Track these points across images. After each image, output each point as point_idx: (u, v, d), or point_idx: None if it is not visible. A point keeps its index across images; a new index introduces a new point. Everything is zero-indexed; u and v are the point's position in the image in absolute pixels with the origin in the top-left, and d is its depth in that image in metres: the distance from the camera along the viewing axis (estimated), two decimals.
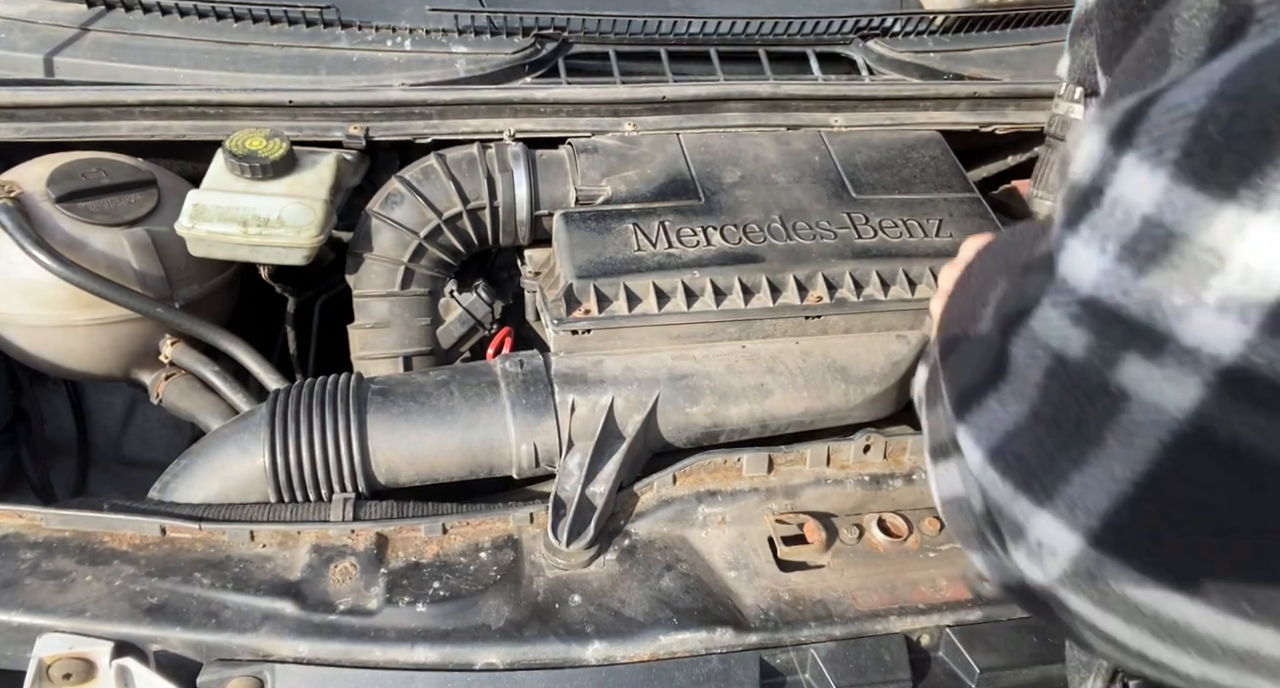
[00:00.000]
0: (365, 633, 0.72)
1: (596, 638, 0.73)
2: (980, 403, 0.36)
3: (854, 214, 1.03)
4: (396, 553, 0.79)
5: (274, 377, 1.00)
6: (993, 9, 1.32)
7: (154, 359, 1.07)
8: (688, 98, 1.14)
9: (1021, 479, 0.34)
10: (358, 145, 1.08)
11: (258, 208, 0.95)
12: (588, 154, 1.08)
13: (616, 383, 0.90)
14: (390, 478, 0.88)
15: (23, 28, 1.09)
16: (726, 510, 0.83)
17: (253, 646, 0.71)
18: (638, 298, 0.93)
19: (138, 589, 0.73)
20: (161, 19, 1.12)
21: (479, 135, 1.10)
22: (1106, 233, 0.30)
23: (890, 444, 0.88)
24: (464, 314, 1.11)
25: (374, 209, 1.05)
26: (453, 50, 1.15)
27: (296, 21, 1.13)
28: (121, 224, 0.99)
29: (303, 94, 1.06)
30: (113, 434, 1.24)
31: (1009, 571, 0.37)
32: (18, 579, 0.73)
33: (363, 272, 1.06)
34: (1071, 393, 0.32)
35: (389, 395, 0.89)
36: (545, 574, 0.78)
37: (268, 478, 0.85)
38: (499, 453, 0.89)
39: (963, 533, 0.40)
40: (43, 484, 1.15)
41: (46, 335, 1.01)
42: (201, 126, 1.06)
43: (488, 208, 1.06)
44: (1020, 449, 0.34)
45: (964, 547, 0.41)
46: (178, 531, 0.78)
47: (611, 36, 1.20)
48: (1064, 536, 0.32)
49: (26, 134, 1.04)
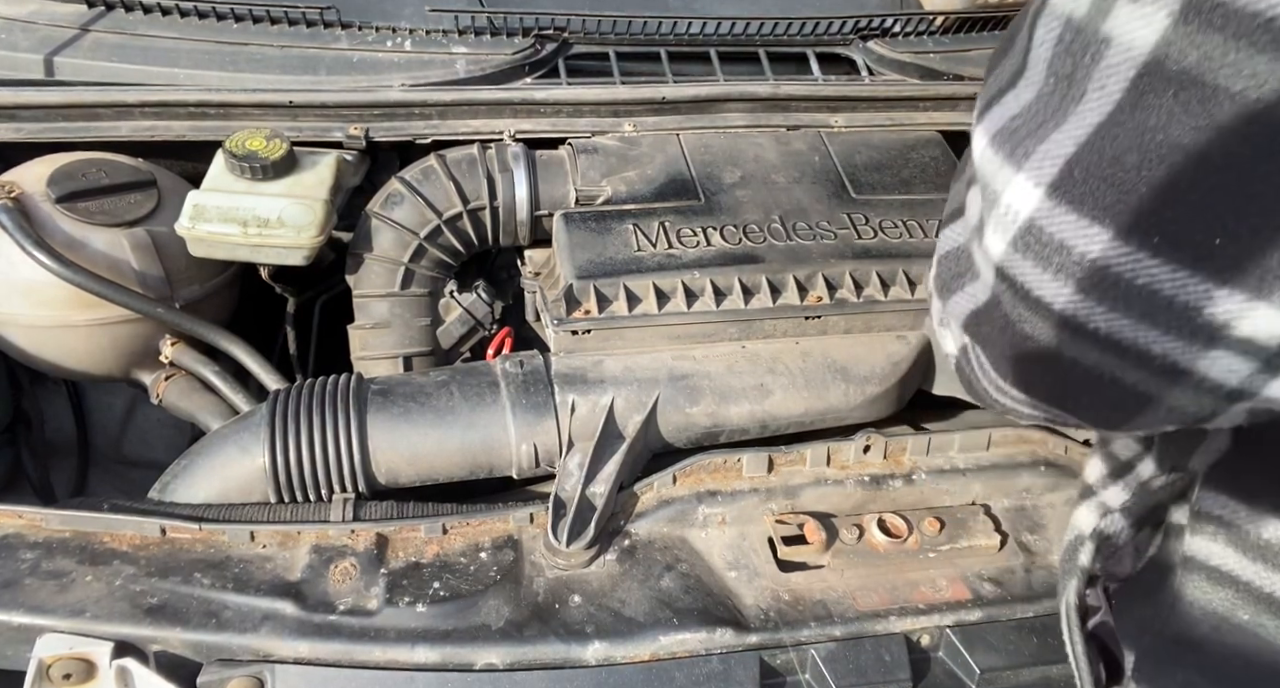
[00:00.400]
0: (365, 633, 0.72)
1: (596, 638, 0.73)
2: (999, 101, 0.42)
3: (854, 214, 1.03)
4: (396, 553, 0.79)
5: (274, 377, 1.00)
6: (993, 9, 1.32)
7: (154, 359, 1.07)
8: (688, 98, 1.14)
9: (1009, 149, 0.39)
10: (358, 146, 1.08)
11: (258, 208, 0.95)
12: (588, 154, 1.08)
13: (616, 383, 0.90)
14: (390, 478, 0.88)
15: (23, 28, 1.09)
16: (726, 511, 0.83)
17: (253, 646, 0.71)
18: (638, 298, 0.93)
19: (138, 589, 0.73)
20: (161, 19, 1.12)
21: (479, 136, 1.10)
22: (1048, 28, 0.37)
23: (890, 444, 0.88)
24: (464, 314, 1.11)
25: (374, 209, 1.05)
26: (453, 51, 1.15)
27: (296, 22, 1.13)
28: (121, 224, 0.99)
29: (303, 94, 1.06)
30: (113, 434, 1.24)
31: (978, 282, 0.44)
32: (18, 579, 0.73)
33: (363, 272, 1.06)
34: (1069, 52, 0.37)
35: (389, 396, 0.89)
36: (545, 574, 0.78)
37: (268, 478, 0.85)
38: (499, 453, 0.89)
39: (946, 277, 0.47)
40: (43, 484, 1.15)
41: (46, 335, 1.01)
42: (201, 127, 1.06)
43: (488, 208, 1.07)
44: (1017, 124, 0.40)
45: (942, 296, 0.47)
46: (178, 531, 0.78)
47: (611, 37, 1.20)
48: (1029, 193, 0.38)
49: (26, 134, 1.04)
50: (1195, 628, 0.52)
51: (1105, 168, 0.35)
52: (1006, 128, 0.40)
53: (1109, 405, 0.38)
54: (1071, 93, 0.37)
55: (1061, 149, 0.37)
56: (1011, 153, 0.39)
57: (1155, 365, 0.38)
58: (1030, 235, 0.38)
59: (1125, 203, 0.35)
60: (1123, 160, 0.35)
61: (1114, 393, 0.40)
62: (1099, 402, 0.38)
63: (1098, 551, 0.61)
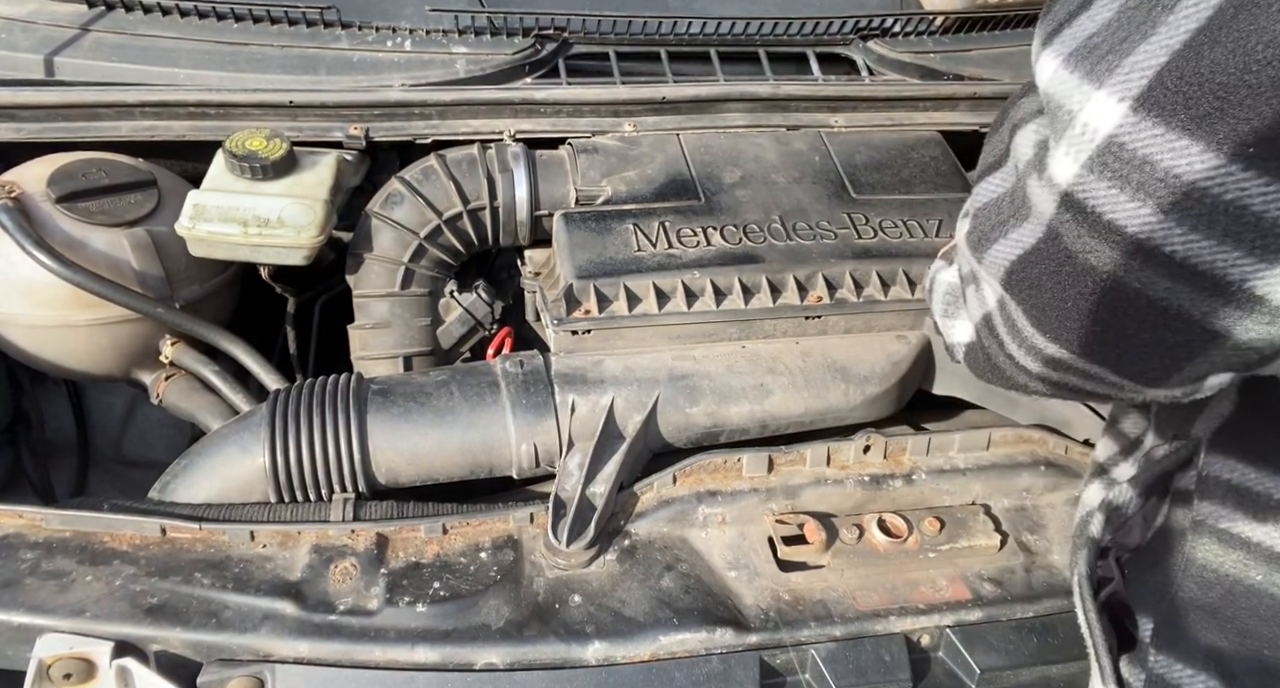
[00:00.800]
0: (365, 633, 0.72)
1: (596, 638, 0.73)
2: (1070, 24, 0.42)
3: (854, 214, 1.03)
4: (396, 553, 0.79)
5: (274, 377, 1.00)
6: (993, 9, 1.32)
7: (154, 359, 1.07)
8: (688, 98, 1.14)
9: (1089, 66, 0.40)
10: (358, 146, 1.08)
11: (258, 208, 0.95)
12: (588, 154, 1.08)
13: (616, 383, 0.90)
14: (390, 478, 0.88)
15: (23, 28, 1.09)
16: (726, 511, 0.83)
17: (253, 646, 0.71)
18: (638, 298, 0.93)
19: (138, 589, 0.73)
20: (161, 19, 1.12)
21: (479, 136, 1.10)
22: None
23: (890, 444, 0.88)
24: (464, 314, 1.11)
25: (374, 209, 1.05)
26: (453, 50, 1.15)
27: (296, 21, 1.13)
28: (122, 224, 0.99)
29: (303, 94, 1.06)
30: (113, 434, 1.24)
31: (1027, 223, 0.45)
32: (18, 579, 0.73)
33: (363, 272, 1.06)
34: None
35: (389, 395, 0.89)
36: (545, 574, 0.78)
37: (268, 478, 0.85)
38: (499, 453, 0.89)
39: (985, 228, 0.49)
40: (43, 484, 1.15)
41: (46, 335, 1.01)
42: (201, 127, 1.06)
43: (488, 208, 1.07)
44: (1096, 41, 0.40)
45: (978, 250, 0.49)
46: (178, 531, 0.78)
47: (611, 37, 1.20)
48: (1111, 107, 0.38)
49: (26, 134, 1.04)
50: (1209, 591, 0.52)
51: (1202, 77, 0.34)
52: (1084, 46, 0.40)
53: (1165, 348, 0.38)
54: (1163, 1, 0.36)
55: (1152, 60, 0.36)
56: (1091, 70, 0.39)
57: (1231, 291, 0.37)
58: (1109, 154, 0.38)
59: (1222, 113, 0.34)
60: (1224, 66, 0.34)
61: (1175, 330, 0.40)
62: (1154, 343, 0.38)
63: (1107, 521, 0.61)
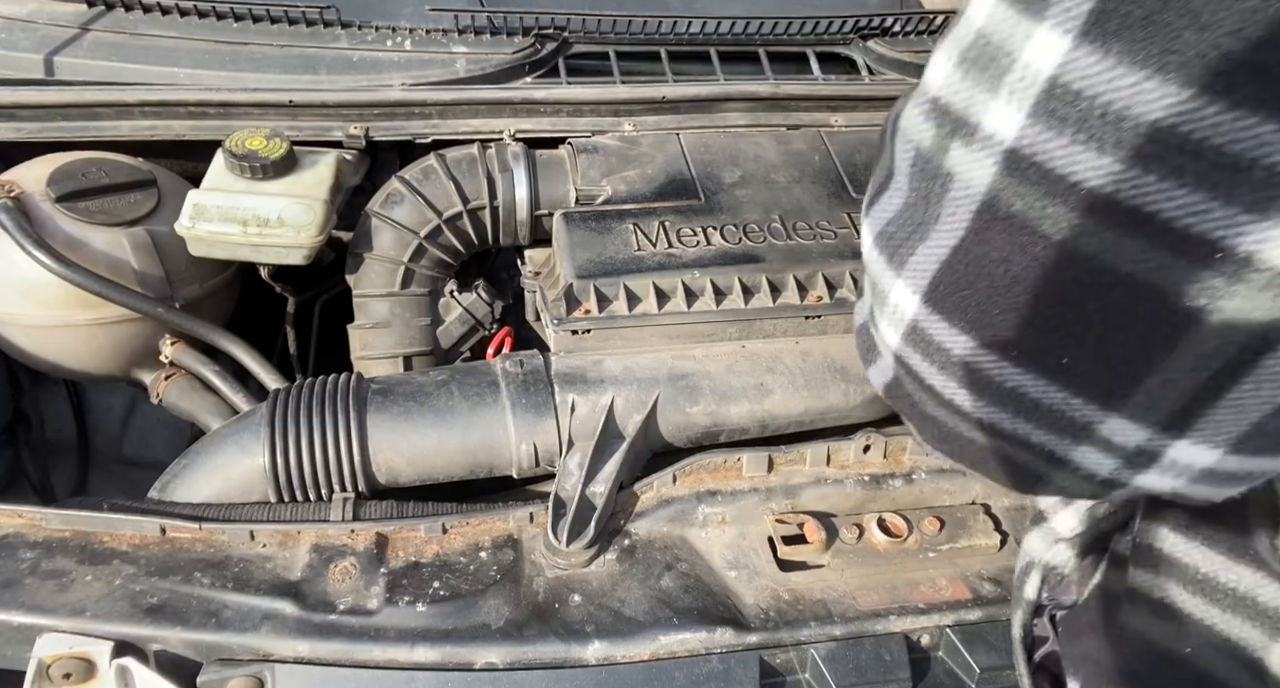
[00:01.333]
0: (365, 633, 0.72)
1: (596, 638, 0.73)
2: (877, 200, 0.44)
3: (854, 214, 1.03)
4: (396, 553, 0.79)
5: (274, 377, 1.00)
6: None
7: (154, 359, 1.07)
8: (688, 98, 1.14)
9: (889, 253, 0.41)
10: (358, 145, 1.08)
11: (258, 208, 0.95)
12: (588, 154, 1.08)
13: (616, 383, 0.90)
14: (390, 478, 0.88)
15: (23, 28, 1.09)
16: (726, 510, 0.83)
17: (253, 645, 0.71)
18: (638, 298, 0.93)
19: (138, 589, 0.73)
20: (161, 19, 1.12)
21: (479, 135, 1.10)
22: (955, 44, 0.36)
23: (890, 444, 0.88)
24: (464, 314, 1.11)
25: (374, 209, 1.05)
26: (453, 50, 1.15)
27: (296, 21, 1.13)
28: (121, 224, 0.99)
29: (303, 94, 1.06)
30: (113, 434, 1.24)
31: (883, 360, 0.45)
32: (18, 579, 0.73)
33: (363, 272, 1.06)
34: (923, 178, 0.39)
35: (389, 395, 0.89)
36: (545, 574, 0.78)
37: (268, 478, 0.85)
38: (499, 453, 0.89)
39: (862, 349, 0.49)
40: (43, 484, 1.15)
41: (46, 335, 1.01)
42: (201, 126, 1.06)
43: (488, 208, 1.07)
44: (893, 229, 0.41)
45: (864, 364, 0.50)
46: (178, 530, 0.78)
47: (611, 36, 1.20)
48: (909, 297, 0.40)
49: (26, 134, 1.04)
50: (1139, 660, 0.53)
51: (962, 289, 0.38)
52: (885, 231, 0.42)
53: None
54: (930, 213, 0.39)
55: (928, 264, 0.39)
56: (891, 257, 0.41)
57: (1037, 452, 0.40)
58: (915, 334, 0.41)
59: (983, 321, 0.37)
60: (975, 285, 0.37)
61: (1013, 468, 0.42)
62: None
63: (1044, 581, 0.63)
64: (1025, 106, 0.33)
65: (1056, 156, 0.32)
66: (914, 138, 0.39)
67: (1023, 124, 0.33)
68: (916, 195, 0.40)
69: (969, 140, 0.35)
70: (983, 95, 0.34)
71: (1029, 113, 0.33)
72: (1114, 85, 0.30)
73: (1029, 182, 0.33)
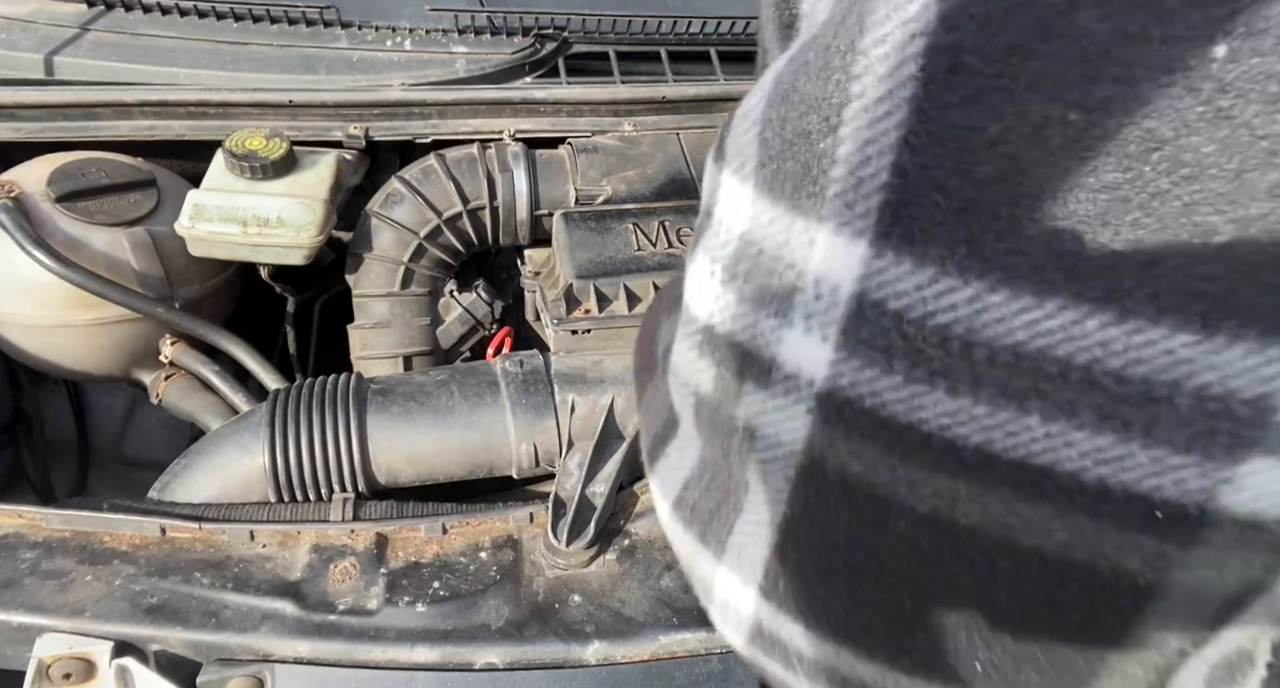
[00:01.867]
0: (365, 633, 0.72)
1: (596, 638, 0.73)
2: (663, 452, 0.34)
3: None
4: (396, 553, 0.79)
5: (274, 377, 1.00)
6: None
7: (154, 359, 1.07)
8: (688, 98, 1.14)
9: (699, 529, 0.32)
10: (358, 145, 1.08)
11: (258, 208, 0.95)
12: (588, 154, 1.08)
13: (616, 383, 0.90)
14: (390, 478, 0.88)
15: (23, 28, 1.09)
16: None
17: (253, 645, 0.71)
18: (638, 298, 0.93)
19: (138, 589, 0.73)
20: (161, 19, 1.12)
21: (479, 135, 1.10)
22: (714, 255, 0.27)
23: None
24: (464, 314, 1.11)
25: (374, 209, 1.05)
26: (453, 50, 1.15)
27: (296, 21, 1.13)
28: (121, 224, 0.99)
29: (303, 94, 1.06)
30: (113, 434, 1.24)
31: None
32: (18, 579, 0.73)
33: (363, 272, 1.06)
34: (716, 433, 0.29)
35: (389, 395, 0.89)
36: (545, 574, 0.78)
37: (268, 478, 0.85)
38: (499, 453, 0.89)
39: None
40: (43, 484, 1.15)
41: (46, 335, 1.01)
42: (201, 126, 1.06)
43: (488, 208, 1.07)
44: (694, 496, 0.32)
45: None
46: (178, 531, 0.78)
47: (611, 36, 1.20)
48: (742, 591, 0.30)
49: (26, 134, 1.04)
50: None
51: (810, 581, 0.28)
52: (684, 498, 0.32)
53: None
54: (736, 478, 0.29)
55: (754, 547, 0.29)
56: (704, 536, 0.32)
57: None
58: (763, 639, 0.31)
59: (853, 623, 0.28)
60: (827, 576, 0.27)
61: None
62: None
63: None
64: (831, 335, 0.24)
65: (891, 400, 0.23)
66: (691, 381, 0.29)
67: (833, 359, 0.24)
68: (713, 451, 0.30)
69: (765, 382, 0.26)
70: (770, 322, 0.25)
71: (837, 344, 0.23)
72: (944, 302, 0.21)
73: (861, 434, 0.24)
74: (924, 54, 0.20)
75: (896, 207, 0.22)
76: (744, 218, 0.26)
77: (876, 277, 0.22)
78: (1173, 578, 0.22)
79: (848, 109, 0.22)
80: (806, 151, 0.24)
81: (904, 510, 0.24)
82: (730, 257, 0.26)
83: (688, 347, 0.29)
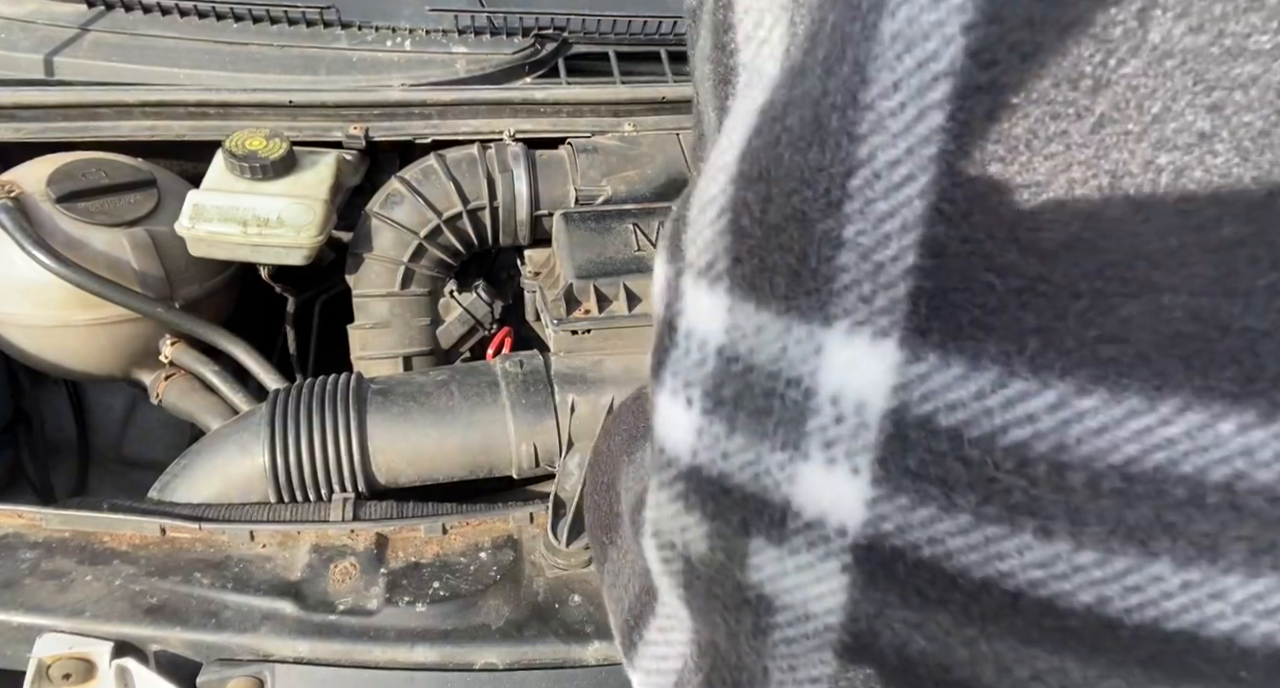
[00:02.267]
0: (365, 633, 0.72)
1: (596, 638, 0.73)
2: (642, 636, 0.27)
3: None
4: (396, 553, 0.79)
5: (274, 377, 1.00)
6: None
7: (154, 359, 1.07)
8: (688, 98, 1.14)
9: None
10: (358, 145, 1.08)
11: (258, 208, 0.95)
12: (588, 154, 1.08)
13: (616, 383, 0.90)
14: (390, 478, 0.88)
15: (23, 28, 1.09)
16: None
17: (253, 646, 0.71)
18: (638, 298, 0.93)
19: (138, 589, 0.73)
20: (161, 19, 1.12)
21: (479, 135, 1.10)
22: (688, 378, 0.21)
23: None
24: (464, 314, 1.11)
25: (374, 209, 1.05)
26: (453, 50, 1.15)
27: (296, 21, 1.13)
28: (121, 224, 0.99)
29: (303, 94, 1.06)
30: (113, 434, 1.23)
31: None
32: (18, 579, 0.73)
33: (363, 272, 1.06)
34: (716, 609, 0.22)
35: (389, 395, 0.89)
36: (545, 574, 0.78)
37: (268, 478, 0.85)
38: (499, 453, 0.89)
39: None
40: (43, 484, 1.15)
41: (46, 335, 1.01)
42: (201, 126, 1.06)
43: (488, 208, 1.07)
44: None
45: None
46: (178, 531, 0.78)
47: (611, 36, 1.20)
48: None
49: (26, 134, 1.04)
50: None
51: None
52: None
53: None
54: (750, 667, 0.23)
55: None
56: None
57: None
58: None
59: None
60: None
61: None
62: None
63: None
64: (863, 467, 0.18)
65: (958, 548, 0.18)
66: (676, 542, 0.23)
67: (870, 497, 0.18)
68: (714, 633, 0.23)
69: (780, 536, 0.20)
70: (778, 456, 0.20)
71: (874, 477, 0.18)
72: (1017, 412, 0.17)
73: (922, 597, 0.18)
74: (953, 99, 0.16)
75: (933, 295, 0.17)
76: (719, 329, 0.21)
77: (918, 386, 0.17)
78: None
79: (854, 178, 0.18)
80: (801, 238, 0.19)
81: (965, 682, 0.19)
82: (709, 379, 0.21)
83: (668, 498, 0.22)
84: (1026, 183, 0.16)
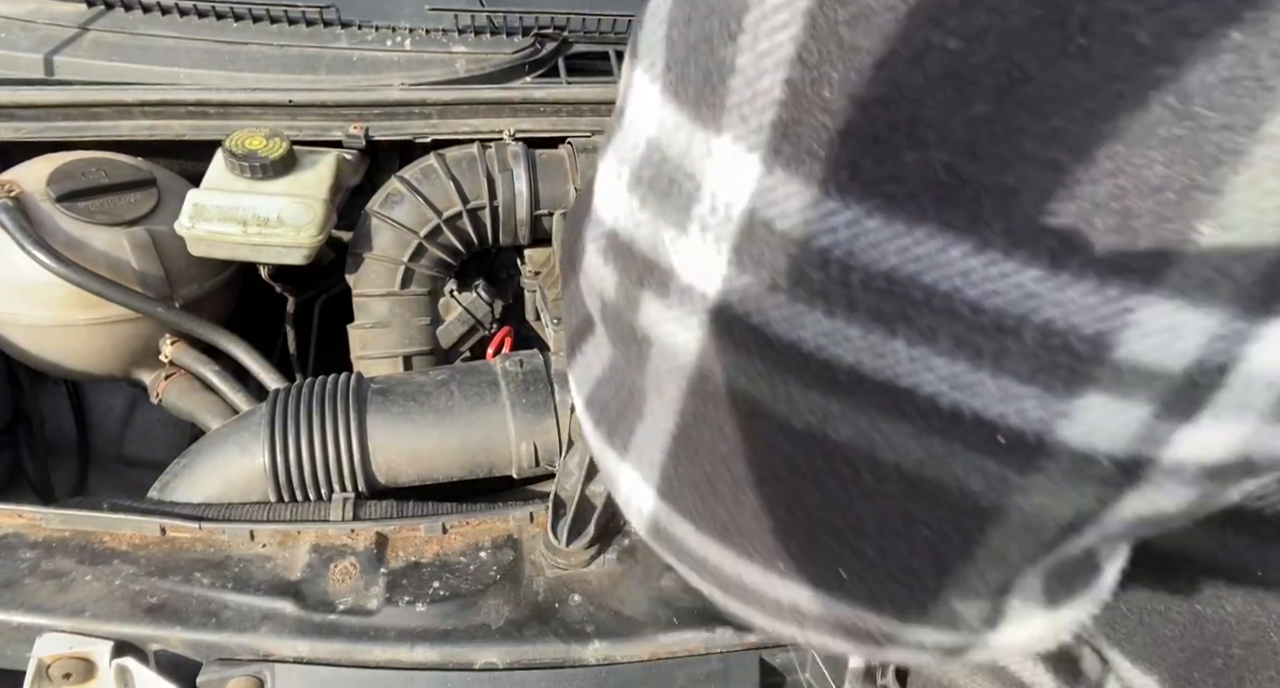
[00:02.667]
0: (365, 633, 0.72)
1: (596, 638, 0.73)
2: (580, 349, 0.34)
3: None
4: (396, 553, 0.79)
5: (274, 376, 1.00)
6: None
7: (154, 359, 1.07)
8: None
9: (607, 428, 0.32)
10: (358, 145, 1.08)
11: (258, 208, 0.95)
12: (588, 154, 1.08)
13: None
14: (390, 478, 0.88)
15: (23, 27, 1.09)
16: None
17: (253, 645, 0.71)
18: None
19: (138, 589, 0.73)
20: (161, 19, 1.12)
21: (479, 135, 1.10)
22: (622, 157, 0.26)
23: None
24: (464, 314, 1.11)
25: (374, 209, 1.05)
26: (453, 50, 1.15)
27: (296, 21, 1.13)
28: (121, 224, 0.99)
29: (303, 94, 1.06)
30: (113, 434, 1.23)
31: None
32: (18, 579, 0.73)
33: (363, 271, 1.06)
34: (618, 339, 0.29)
35: (389, 395, 0.89)
36: (545, 574, 0.78)
37: (268, 478, 0.85)
38: (499, 453, 0.89)
39: None
40: (43, 484, 1.15)
41: (46, 335, 1.01)
42: (201, 126, 1.06)
43: (488, 207, 1.07)
44: (604, 395, 0.32)
45: None
46: (178, 530, 0.78)
47: (611, 36, 1.20)
48: (642, 490, 0.31)
49: (26, 134, 1.04)
50: None
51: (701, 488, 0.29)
52: (597, 397, 0.33)
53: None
54: (636, 384, 0.29)
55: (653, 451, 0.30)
56: (611, 435, 0.32)
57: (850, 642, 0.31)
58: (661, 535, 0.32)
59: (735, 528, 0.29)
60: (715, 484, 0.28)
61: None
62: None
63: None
64: (725, 250, 0.23)
65: (775, 318, 0.23)
66: (597, 285, 0.29)
67: (726, 273, 0.24)
68: (620, 356, 0.30)
69: (662, 291, 0.25)
70: (670, 231, 0.25)
71: (731, 258, 0.23)
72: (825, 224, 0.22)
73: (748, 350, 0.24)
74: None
75: (787, 124, 0.21)
76: (653, 121, 0.25)
77: (766, 194, 0.22)
78: (1012, 502, 0.23)
79: (747, 16, 0.21)
80: (708, 57, 0.23)
81: (783, 426, 0.25)
82: (637, 161, 0.26)
83: (595, 250, 0.29)
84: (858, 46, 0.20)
